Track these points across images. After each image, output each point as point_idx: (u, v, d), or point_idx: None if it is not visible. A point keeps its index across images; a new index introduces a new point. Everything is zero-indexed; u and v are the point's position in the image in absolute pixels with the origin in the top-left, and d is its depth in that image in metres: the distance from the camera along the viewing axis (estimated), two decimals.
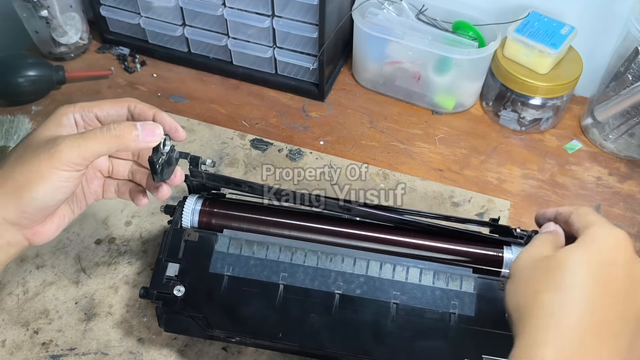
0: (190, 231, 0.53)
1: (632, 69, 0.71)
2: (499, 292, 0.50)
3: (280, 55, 0.81)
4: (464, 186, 0.74)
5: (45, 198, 0.41)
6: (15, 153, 0.43)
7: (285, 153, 0.77)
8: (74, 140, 0.41)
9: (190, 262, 0.52)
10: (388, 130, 0.81)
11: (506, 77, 0.77)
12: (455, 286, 0.51)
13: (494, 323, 0.49)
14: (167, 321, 0.52)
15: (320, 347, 0.50)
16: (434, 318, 0.50)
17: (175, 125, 0.48)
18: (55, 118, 0.45)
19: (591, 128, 0.80)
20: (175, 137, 0.48)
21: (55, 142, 0.40)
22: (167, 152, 0.47)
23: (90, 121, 0.46)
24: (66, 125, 0.45)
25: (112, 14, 0.87)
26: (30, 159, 0.40)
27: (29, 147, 0.42)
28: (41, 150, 0.40)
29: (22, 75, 0.79)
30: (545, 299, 0.36)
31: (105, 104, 0.47)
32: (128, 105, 0.47)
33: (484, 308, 0.50)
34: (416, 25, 0.78)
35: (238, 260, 0.52)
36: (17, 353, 0.58)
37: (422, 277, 0.51)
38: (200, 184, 0.55)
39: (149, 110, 0.48)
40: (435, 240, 0.53)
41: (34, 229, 0.44)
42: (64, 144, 0.40)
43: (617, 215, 0.72)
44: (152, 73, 0.88)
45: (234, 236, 0.53)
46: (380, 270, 0.51)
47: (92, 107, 0.46)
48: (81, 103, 0.46)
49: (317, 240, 0.54)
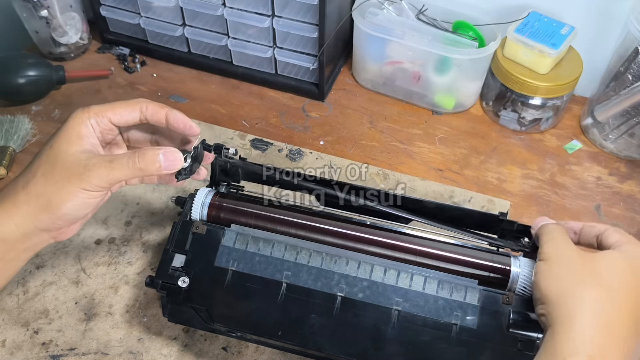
0: (199, 224, 0.54)
1: (632, 69, 0.71)
2: (504, 306, 0.49)
3: (280, 55, 0.81)
4: (464, 186, 0.74)
5: (75, 213, 0.46)
6: (42, 168, 0.45)
7: (285, 153, 0.77)
8: (104, 168, 0.44)
9: (196, 255, 0.53)
10: (388, 130, 0.81)
11: (506, 77, 0.77)
12: (459, 297, 0.50)
13: (496, 337, 0.48)
14: (172, 311, 0.53)
15: (319, 348, 0.49)
16: (435, 328, 0.49)
17: (188, 122, 0.50)
18: (74, 129, 0.46)
19: (591, 128, 0.80)
20: (190, 133, 0.50)
21: (86, 167, 0.44)
22: (193, 152, 0.50)
23: (105, 126, 0.47)
24: (87, 135, 0.46)
25: (112, 14, 0.87)
26: (62, 179, 0.44)
27: (57, 165, 0.44)
28: (73, 172, 0.44)
29: (22, 75, 0.79)
30: (589, 295, 0.40)
31: (118, 107, 0.48)
32: (140, 107, 0.48)
33: (486, 321, 0.49)
34: (416, 25, 0.78)
35: (243, 255, 0.52)
36: (17, 353, 0.58)
37: (426, 286, 0.50)
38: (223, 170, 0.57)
39: (161, 110, 0.49)
40: (441, 249, 0.53)
41: (61, 231, 0.48)
42: (94, 170, 0.44)
43: (617, 215, 0.72)
44: (152, 73, 0.88)
45: (241, 231, 0.53)
46: (384, 275, 0.51)
47: (105, 111, 0.47)
48: (95, 107, 0.47)
49: (323, 240, 0.54)
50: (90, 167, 0.44)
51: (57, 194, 0.44)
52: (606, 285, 0.40)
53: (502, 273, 0.51)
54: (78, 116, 0.46)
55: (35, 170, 0.45)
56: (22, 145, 0.76)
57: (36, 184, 0.44)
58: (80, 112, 0.47)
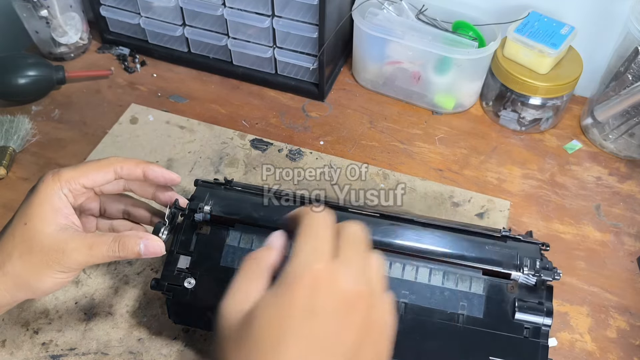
0: (203, 224, 0.53)
1: (632, 69, 0.71)
2: (509, 294, 0.50)
3: (280, 55, 0.81)
4: (464, 186, 0.74)
5: (52, 290, 0.46)
6: (17, 249, 0.44)
7: (285, 153, 0.77)
8: (83, 255, 0.44)
9: (201, 255, 0.53)
10: (388, 130, 0.81)
11: (506, 77, 0.77)
12: (465, 287, 0.51)
13: (502, 325, 0.49)
14: (177, 313, 0.53)
15: None
16: (442, 318, 0.50)
17: (168, 175, 0.50)
18: (47, 202, 0.45)
19: (591, 128, 0.80)
20: (170, 184, 0.51)
21: (65, 252, 0.43)
22: (168, 225, 0.50)
23: (77, 192, 0.46)
24: (60, 207, 0.45)
25: (112, 14, 0.87)
26: (40, 263, 0.44)
27: (34, 247, 0.44)
28: (50, 257, 0.43)
29: (22, 75, 0.79)
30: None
31: (90, 170, 0.47)
32: (114, 168, 0.47)
33: (492, 310, 0.50)
34: (416, 25, 0.78)
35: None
36: (17, 353, 0.58)
37: (432, 277, 0.51)
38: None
39: (136, 168, 0.48)
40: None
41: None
42: (73, 257, 0.44)
43: (617, 215, 0.72)
44: (152, 73, 0.88)
45: (246, 230, 0.53)
46: (390, 269, 0.52)
47: (78, 178, 0.46)
48: (66, 173, 0.46)
49: None
50: (69, 253, 0.44)
51: (35, 277, 0.44)
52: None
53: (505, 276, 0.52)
54: (49, 186, 0.45)
55: (10, 251, 0.44)
56: (22, 145, 0.76)
57: (13, 266, 0.43)
58: (51, 180, 0.45)
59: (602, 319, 0.63)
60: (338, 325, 0.31)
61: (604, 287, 0.65)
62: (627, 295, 0.65)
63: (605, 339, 0.61)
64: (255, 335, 0.30)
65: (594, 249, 0.69)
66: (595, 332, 0.62)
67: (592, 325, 0.62)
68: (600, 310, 0.63)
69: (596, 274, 0.66)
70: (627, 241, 0.70)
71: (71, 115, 0.82)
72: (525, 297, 0.50)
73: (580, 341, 0.61)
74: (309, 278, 0.31)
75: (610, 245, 0.69)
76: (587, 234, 0.70)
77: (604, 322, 0.63)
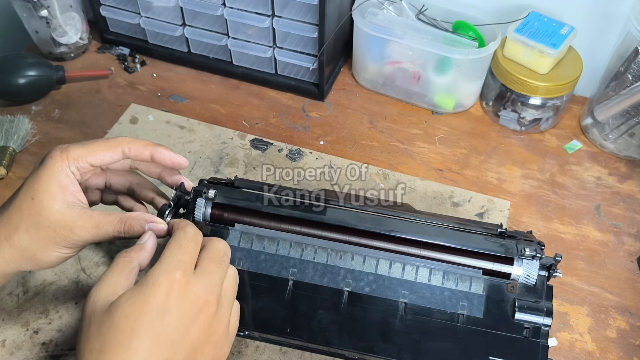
0: (202, 224, 0.54)
1: (632, 69, 0.71)
2: (509, 294, 0.50)
3: (280, 55, 0.81)
4: (464, 186, 0.74)
5: (57, 263, 0.47)
6: (24, 223, 0.44)
7: (285, 153, 0.77)
8: (90, 234, 0.45)
9: None
10: (388, 130, 0.81)
11: (506, 77, 0.77)
12: (465, 287, 0.51)
13: (502, 325, 0.49)
14: None
15: (328, 343, 0.50)
16: (442, 318, 0.50)
17: (175, 158, 0.50)
18: (54, 178, 0.45)
19: (591, 128, 0.80)
20: (178, 167, 0.51)
21: (72, 230, 0.44)
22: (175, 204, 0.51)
23: (85, 170, 0.46)
24: (67, 184, 0.45)
25: (112, 14, 0.87)
26: (47, 238, 0.44)
27: (42, 223, 0.44)
28: (58, 234, 0.44)
29: (22, 75, 0.79)
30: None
31: (98, 149, 0.47)
32: (122, 149, 0.47)
33: (492, 310, 0.50)
34: (416, 25, 0.78)
35: (249, 254, 0.52)
36: (17, 353, 0.58)
37: (432, 277, 0.51)
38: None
39: (144, 150, 0.48)
40: (444, 252, 0.53)
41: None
42: (80, 234, 0.45)
43: (617, 215, 0.72)
44: (152, 73, 0.88)
45: (245, 230, 0.53)
46: (390, 269, 0.52)
47: (85, 156, 0.46)
48: (74, 151, 0.46)
49: (328, 237, 0.54)
50: (76, 231, 0.44)
51: (41, 251, 0.45)
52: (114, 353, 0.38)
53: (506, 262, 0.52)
54: (57, 163, 0.45)
55: (17, 224, 0.44)
56: (22, 145, 0.76)
57: (20, 239, 0.44)
58: (59, 157, 0.45)
59: (602, 319, 0.63)
60: (185, 324, 0.38)
61: (604, 287, 0.65)
62: (627, 295, 0.65)
63: (605, 339, 0.61)
64: (114, 324, 0.36)
65: (594, 249, 0.69)
66: (595, 332, 0.62)
67: (592, 325, 0.62)
68: (600, 310, 0.64)
69: (596, 274, 0.66)
70: (627, 241, 0.70)
71: (71, 115, 0.82)
72: (525, 297, 0.50)
73: (580, 341, 0.61)
74: (167, 283, 0.38)
75: (610, 245, 0.69)
76: (587, 234, 0.70)
77: (604, 322, 0.63)
